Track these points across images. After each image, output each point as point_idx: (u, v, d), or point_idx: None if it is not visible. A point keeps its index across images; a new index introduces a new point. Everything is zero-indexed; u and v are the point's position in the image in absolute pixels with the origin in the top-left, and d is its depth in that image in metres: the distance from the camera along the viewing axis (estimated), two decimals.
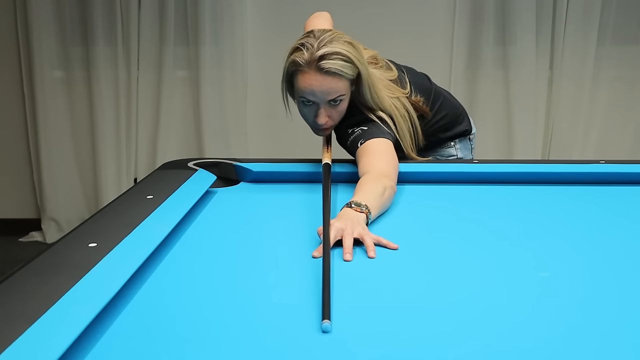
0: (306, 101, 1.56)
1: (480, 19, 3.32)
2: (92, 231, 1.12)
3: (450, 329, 0.86)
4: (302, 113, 1.63)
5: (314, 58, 1.49)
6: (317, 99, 1.54)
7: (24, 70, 3.44)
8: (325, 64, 1.49)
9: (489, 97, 3.43)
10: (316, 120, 1.58)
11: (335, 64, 1.50)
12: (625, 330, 0.86)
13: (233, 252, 1.18)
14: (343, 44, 1.52)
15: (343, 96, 1.56)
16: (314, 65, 1.50)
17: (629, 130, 3.49)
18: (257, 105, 3.51)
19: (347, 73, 1.52)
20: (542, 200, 1.52)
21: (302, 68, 1.52)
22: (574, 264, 1.11)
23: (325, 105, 1.56)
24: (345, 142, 1.64)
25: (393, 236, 1.21)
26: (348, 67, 1.52)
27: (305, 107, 1.59)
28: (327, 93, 1.53)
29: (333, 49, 1.50)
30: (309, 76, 1.51)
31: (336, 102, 1.55)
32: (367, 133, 1.58)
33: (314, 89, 1.52)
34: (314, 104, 1.56)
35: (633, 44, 3.39)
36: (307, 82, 1.52)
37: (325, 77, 1.51)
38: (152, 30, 3.36)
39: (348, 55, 1.51)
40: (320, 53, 1.49)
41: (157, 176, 1.58)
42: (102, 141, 3.49)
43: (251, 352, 0.80)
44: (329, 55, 1.49)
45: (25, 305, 0.81)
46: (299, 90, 1.56)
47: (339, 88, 1.53)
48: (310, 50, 1.50)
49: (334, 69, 1.50)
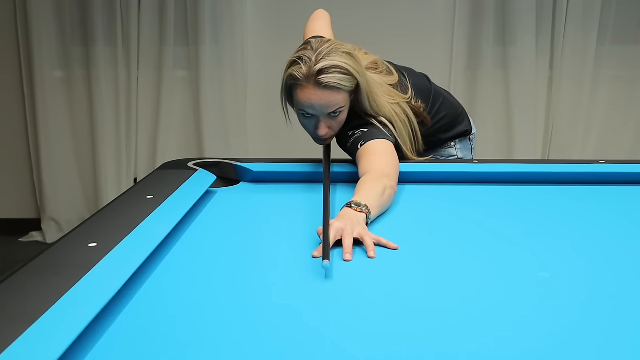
0: (306, 114, 1.56)
1: (480, 19, 3.32)
2: (92, 231, 1.12)
3: (450, 329, 0.86)
4: (302, 124, 1.63)
5: (312, 73, 1.49)
6: (317, 112, 1.54)
7: (24, 70, 3.44)
8: (324, 79, 1.48)
9: (489, 97, 3.42)
10: (317, 132, 1.59)
11: (333, 77, 1.49)
12: (625, 331, 0.86)
13: (233, 252, 1.18)
14: (341, 56, 1.51)
15: (342, 108, 1.56)
16: (312, 80, 1.49)
17: (629, 130, 3.49)
18: (257, 105, 3.51)
19: (346, 86, 1.52)
20: (542, 200, 1.52)
21: (301, 82, 1.51)
22: (574, 264, 1.11)
23: (325, 118, 1.56)
24: (345, 145, 1.63)
25: (393, 236, 1.21)
26: (346, 80, 1.51)
27: (305, 119, 1.59)
28: (327, 107, 1.53)
29: (331, 62, 1.49)
30: (308, 91, 1.51)
31: (336, 113, 1.55)
32: (367, 135, 1.58)
33: (313, 104, 1.52)
34: (314, 116, 1.56)
35: (633, 44, 3.39)
36: (306, 96, 1.51)
37: (324, 92, 1.50)
38: (152, 30, 3.36)
39: (346, 68, 1.50)
40: (318, 67, 1.48)
41: (157, 176, 1.58)
42: (102, 141, 3.48)
43: (251, 352, 0.80)
44: (327, 69, 1.48)
45: (25, 305, 0.81)
46: (298, 104, 1.56)
47: (338, 101, 1.53)
48: (308, 65, 1.49)
49: (333, 83, 1.49)
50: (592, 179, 1.66)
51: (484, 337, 0.84)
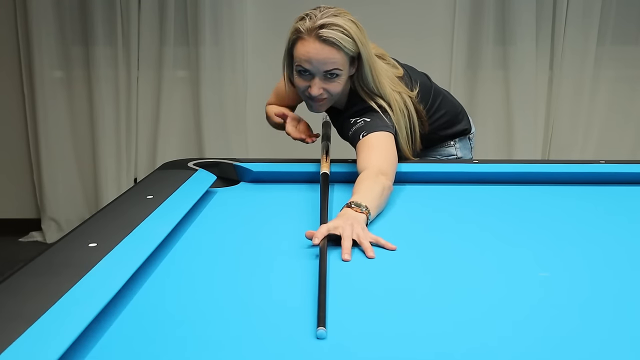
0: (302, 70, 1.56)
1: (480, 19, 3.32)
2: (92, 231, 1.12)
3: (450, 329, 0.86)
4: (297, 86, 1.62)
5: (314, 26, 1.51)
6: (313, 67, 1.54)
7: (24, 70, 3.44)
8: (325, 33, 1.50)
9: (489, 97, 3.42)
10: (310, 91, 1.58)
11: (334, 34, 1.51)
12: (625, 331, 0.86)
13: (233, 252, 1.18)
14: (346, 20, 1.54)
15: (340, 71, 1.55)
16: (313, 33, 1.51)
17: (629, 130, 3.49)
18: (257, 105, 3.50)
19: (346, 47, 1.53)
20: (542, 200, 1.52)
21: (302, 35, 1.53)
22: (574, 264, 1.11)
23: (321, 77, 1.56)
24: (347, 133, 1.64)
25: (393, 236, 1.21)
26: (347, 41, 1.52)
27: (301, 77, 1.59)
28: (324, 62, 1.53)
29: (335, 21, 1.52)
30: (308, 43, 1.52)
31: (332, 75, 1.55)
32: (369, 125, 1.58)
33: (310, 57, 1.53)
34: (310, 73, 1.56)
35: (633, 44, 3.39)
36: (305, 49, 1.53)
37: (323, 46, 1.51)
38: (152, 30, 3.36)
39: (349, 30, 1.52)
40: (321, 22, 1.51)
41: (157, 176, 1.58)
42: (102, 141, 3.48)
43: (251, 352, 0.80)
44: (329, 25, 1.51)
45: (25, 306, 0.81)
46: (297, 58, 1.56)
47: (336, 59, 1.53)
48: (312, 20, 1.52)
49: (332, 39, 1.51)
50: (592, 179, 1.66)
51: (484, 337, 0.84)
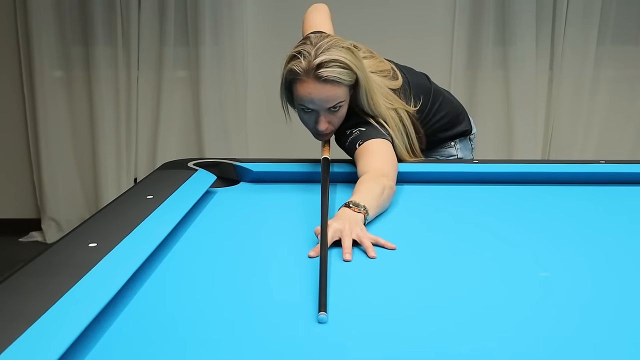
0: (306, 109, 1.56)
1: (480, 19, 3.32)
2: (92, 231, 1.12)
3: (450, 329, 0.86)
4: (302, 120, 1.63)
5: (311, 66, 1.49)
6: (317, 106, 1.54)
7: (24, 70, 3.44)
8: (324, 72, 1.48)
9: (489, 97, 3.42)
10: (317, 127, 1.58)
11: (333, 71, 1.49)
12: (625, 331, 0.86)
13: (233, 252, 1.18)
14: (340, 51, 1.51)
15: (342, 102, 1.56)
16: (312, 74, 1.49)
17: (629, 130, 3.49)
18: (257, 105, 3.51)
19: (345, 80, 1.52)
20: (542, 200, 1.52)
21: (300, 77, 1.51)
22: (574, 264, 1.11)
23: (325, 112, 1.56)
24: (344, 143, 1.63)
25: (393, 236, 1.21)
26: (346, 74, 1.51)
27: (305, 114, 1.59)
28: (326, 101, 1.53)
29: (330, 56, 1.49)
30: (308, 85, 1.51)
31: (336, 108, 1.55)
32: (365, 134, 1.58)
33: (312, 98, 1.52)
34: (314, 111, 1.56)
35: (633, 44, 3.39)
36: (306, 90, 1.51)
37: (324, 86, 1.50)
38: (152, 30, 3.36)
39: (346, 62, 1.51)
40: (318, 61, 1.48)
41: (157, 176, 1.58)
42: (102, 141, 3.48)
43: (251, 351, 0.80)
44: (327, 63, 1.49)
45: (25, 306, 0.81)
46: (298, 99, 1.55)
47: (338, 95, 1.53)
48: (307, 59, 1.50)
49: (332, 77, 1.49)
50: (592, 179, 1.66)
51: (484, 337, 0.84)
